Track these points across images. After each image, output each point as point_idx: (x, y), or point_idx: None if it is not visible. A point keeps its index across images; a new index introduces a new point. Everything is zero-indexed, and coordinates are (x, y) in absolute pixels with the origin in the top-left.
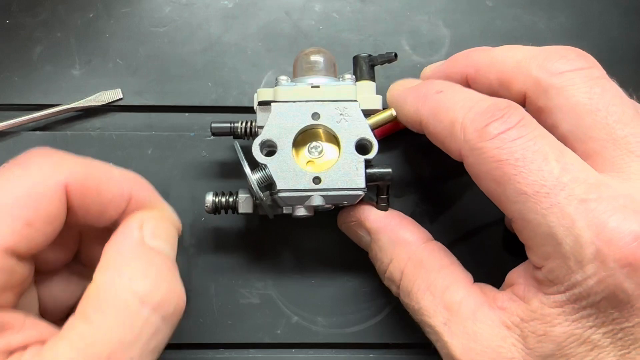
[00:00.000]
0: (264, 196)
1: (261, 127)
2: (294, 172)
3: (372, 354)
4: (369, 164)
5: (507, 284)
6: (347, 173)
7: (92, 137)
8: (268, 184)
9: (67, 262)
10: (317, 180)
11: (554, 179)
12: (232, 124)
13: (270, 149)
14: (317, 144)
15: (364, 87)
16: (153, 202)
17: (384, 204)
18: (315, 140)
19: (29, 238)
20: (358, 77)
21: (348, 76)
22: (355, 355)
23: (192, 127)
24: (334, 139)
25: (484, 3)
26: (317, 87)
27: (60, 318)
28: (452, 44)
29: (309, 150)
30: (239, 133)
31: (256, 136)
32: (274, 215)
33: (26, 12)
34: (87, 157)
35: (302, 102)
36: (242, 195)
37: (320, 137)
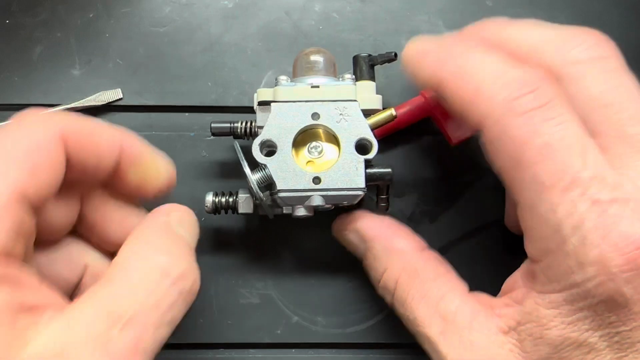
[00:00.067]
0: (264, 196)
1: (261, 127)
2: (294, 172)
3: (372, 354)
4: (369, 164)
5: (504, 291)
6: (347, 173)
7: None
8: (268, 184)
9: (66, 233)
10: (317, 180)
11: (573, 173)
12: (232, 124)
13: (270, 149)
14: (317, 144)
15: (364, 87)
16: (143, 151)
17: (384, 203)
18: (315, 140)
19: (36, 184)
20: (358, 77)
21: (348, 76)
22: (355, 355)
23: (192, 127)
24: (333, 139)
25: (484, 3)
26: (317, 87)
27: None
28: None
29: (309, 150)
30: (238, 133)
31: (256, 136)
32: (274, 215)
33: (26, 12)
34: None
35: (301, 102)
36: (242, 195)
37: (320, 137)
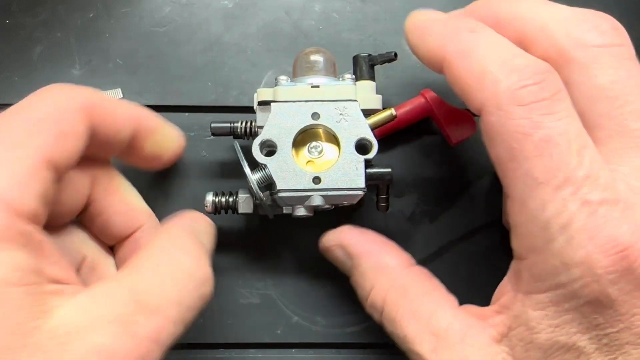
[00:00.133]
0: (264, 196)
1: (261, 127)
2: (294, 172)
3: (372, 354)
4: (369, 163)
5: (494, 299)
6: (347, 173)
7: None
8: (268, 184)
9: (71, 218)
10: (317, 180)
11: (568, 172)
12: (232, 124)
13: (270, 149)
14: (317, 144)
15: (364, 87)
16: (157, 123)
17: (384, 203)
18: (315, 140)
19: (62, 152)
20: (358, 76)
21: (348, 76)
22: (355, 355)
23: (192, 127)
24: (333, 138)
25: None
26: (317, 87)
27: None
28: None
29: (309, 150)
30: (238, 133)
31: (256, 136)
32: (274, 215)
33: (26, 12)
34: None
35: (301, 102)
36: (242, 195)
37: (320, 137)
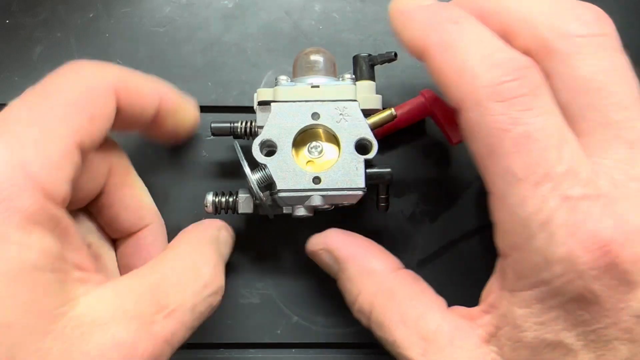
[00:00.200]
0: (264, 196)
1: (261, 127)
2: (294, 172)
3: (372, 354)
4: (369, 163)
5: (482, 299)
6: (347, 173)
7: None
8: (268, 184)
9: (83, 205)
10: (317, 180)
11: (548, 167)
12: (231, 124)
13: (270, 149)
14: (317, 144)
15: (363, 87)
16: (178, 99)
17: (384, 203)
18: (315, 140)
19: (91, 134)
20: (358, 76)
21: (348, 76)
22: (355, 355)
23: None
24: (333, 138)
25: None
26: (317, 87)
27: None
28: None
29: (309, 150)
30: (238, 133)
31: (256, 136)
32: (274, 215)
33: (26, 12)
34: None
35: (301, 102)
36: (242, 195)
37: (320, 137)
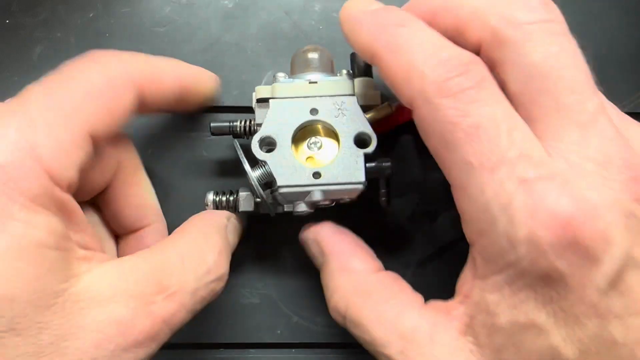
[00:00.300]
0: (264, 194)
1: (260, 125)
2: (294, 167)
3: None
4: (368, 158)
5: (457, 290)
6: (347, 167)
7: None
8: (268, 182)
9: (90, 197)
10: (317, 175)
11: (500, 153)
12: (231, 123)
13: (269, 145)
14: (317, 140)
15: (361, 84)
16: (199, 77)
17: (385, 198)
18: (314, 135)
19: (107, 125)
20: (356, 74)
21: (345, 71)
22: (355, 356)
23: (192, 127)
24: (333, 134)
25: None
26: (315, 82)
27: None
28: None
29: (309, 145)
30: (238, 132)
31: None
32: (275, 213)
33: (26, 12)
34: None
35: (300, 98)
36: (242, 193)
37: (319, 132)
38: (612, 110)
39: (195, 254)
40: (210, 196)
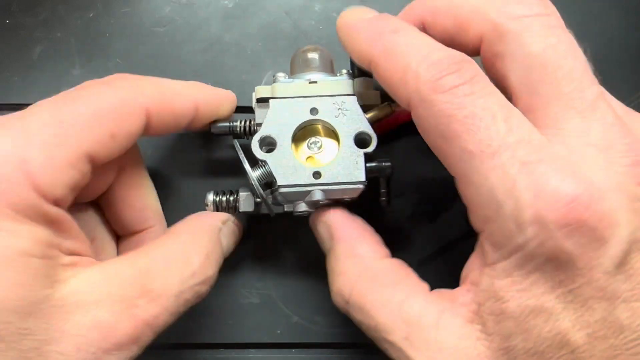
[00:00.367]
0: (265, 194)
1: (260, 125)
2: (294, 167)
3: (372, 354)
4: (368, 157)
5: (462, 279)
6: (347, 167)
7: None
8: (268, 182)
9: (92, 199)
10: (317, 175)
11: (499, 139)
12: (231, 123)
13: (269, 145)
14: (317, 139)
15: (361, 83)
16: (215, 100)
17: (384, 197)
18: (314, 135)
19: (108, 149)
20: (356, 74)
21: (344, 71)
22: (355, 356)
23: None
24: (333, 133)
25: None
26: (315, 82)
27: None
28: None
29: (309, 145)
30: (238, 132)
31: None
32: (275, 213)
33: (26, 12)
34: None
35: (300, 98)
36: (242, 193)
37: (319, 132)
38: (615, 102)
39: (181, 256)
40: (211, 196)
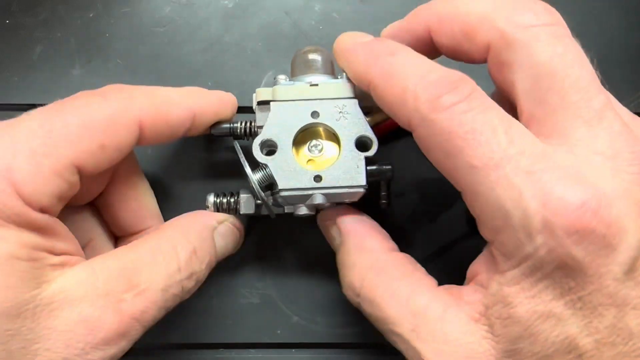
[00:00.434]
0: (265, 196)
1: (260, 127)
2: (295, 171)
3: (372, 354)
4: (369, 161)
5: (469, 277)
6: (347, 171)
7: None
8: (269, 184)
9: (88, 201)
10: (318, 178)
11: (501, 151)
12: (231, 124)
13: (270, 148)
14: (317, 143)
15: None
16: (214, 106)
17: (385, 200)
18: (315, 138)
19: (97, 160)
20: None
21: (346, 74)
22: (355, 356)
23: None
24: (334, 137)
25: None
26: (316, 85)
27: None
28: None
29: (309, 148)
30: (238, 133)
31: (256, 136)
32: (276, 214)
33: (26, 12)
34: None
35: (301, 101)
36: (243, 195)
37: (320, 135)
38: (622, 109)
39: (167, 251)
40: (211, 198)
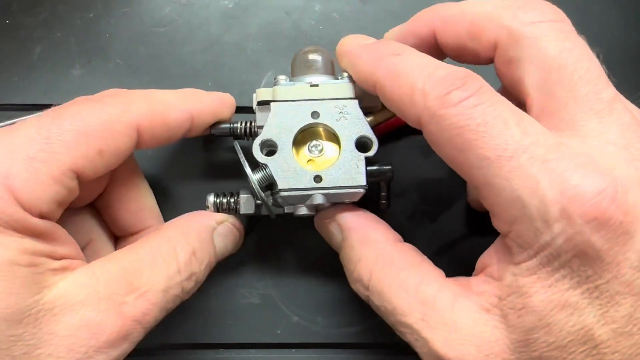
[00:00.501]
0: (265, 196)
1: (261, 127)
2: (295, 171)
3: (372, 354)
4: (369, 161)
5: (478, 269)
6: (347, 171)
7: None
8: (269, 184)
9: (88, 202)
10: (318, 178)
11: (515, 142)
12: (231, 124)
13: (270, 148)
14: (318, 143)
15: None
16: (212, 108)
17: (385, 201)
18: (315, 139)
19: (95, 165)
20: None
21: (346, 74)
22: (355, 356)
23: None
24: (334, 137)
25: None
26: (316, 85)
27: None
28: None
29: (309, 149)
30: (238, 133)
31: (256, 136)
32: (276, 215)
33: (26, 12)
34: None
35: (301, 101)
36: (243, 195)
37: (320, 135)
38: (629, 104)
39: (167, 253)
40: (211, 198)
